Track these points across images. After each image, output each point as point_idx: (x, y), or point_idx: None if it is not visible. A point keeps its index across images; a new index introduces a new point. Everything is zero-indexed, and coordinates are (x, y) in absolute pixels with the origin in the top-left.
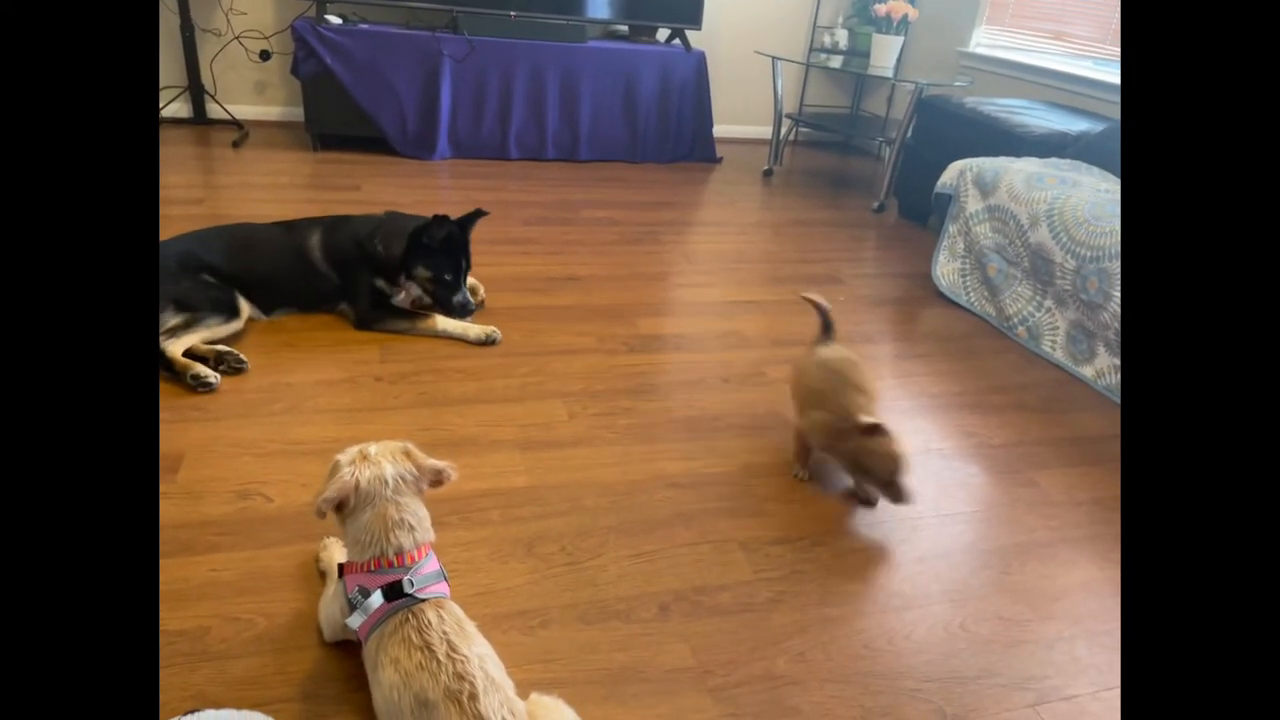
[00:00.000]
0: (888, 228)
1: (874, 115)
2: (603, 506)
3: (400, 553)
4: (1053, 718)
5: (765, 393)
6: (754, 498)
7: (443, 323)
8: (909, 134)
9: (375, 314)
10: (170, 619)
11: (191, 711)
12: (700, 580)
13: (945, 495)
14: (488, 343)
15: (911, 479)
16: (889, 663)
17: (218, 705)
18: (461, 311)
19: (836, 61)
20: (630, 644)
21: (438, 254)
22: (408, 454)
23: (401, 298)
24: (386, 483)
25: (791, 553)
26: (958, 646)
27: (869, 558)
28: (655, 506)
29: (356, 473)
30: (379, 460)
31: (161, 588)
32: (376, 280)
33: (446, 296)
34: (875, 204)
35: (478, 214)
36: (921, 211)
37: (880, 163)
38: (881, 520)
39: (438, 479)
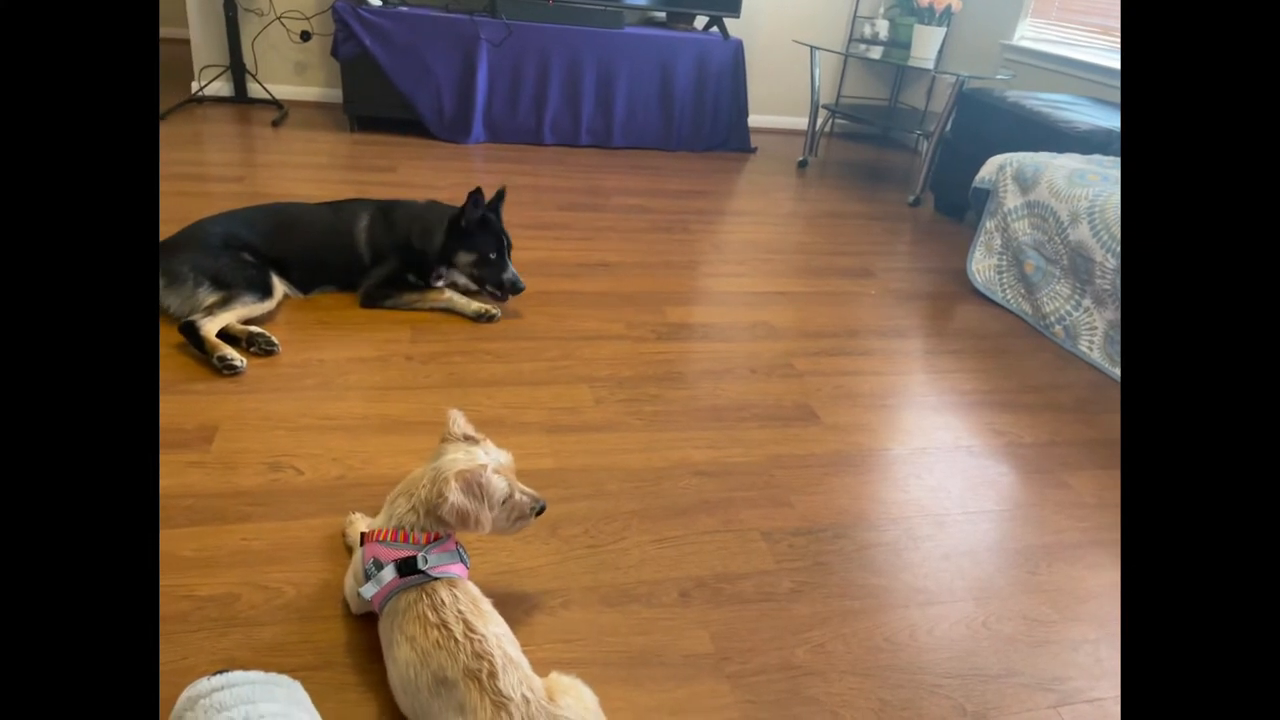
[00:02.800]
0: (923, 222)
1: (912, 108)
2: (626, 491)
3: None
4: (1075, 719)
5: (793, 384)
6: (778, 488)
7: (448, 294)
8: (948, 127)
9: (383, 291)
10: (202, 585)
11: (220, 672)
12: (722, 568)
13: (973, 493)
14: (485, 319)
15: None
16: (909, 657)
17: (245, 669)
18: (513, 289)
19: (876, 52)
20: (650, 628)
21: (477, 235)
22: (508, 471)
23: (440, 286)
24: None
25: (814, 544)
26: (980, 644)
27: (892, 552)
28: (679, 493)
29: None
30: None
31: (194, 554)
32: (408, 274)
33: (496, 276)
34: (911, 198)
35: (500, 195)
36: (958, 206)
37: (917, 156)
38: (906, 515)
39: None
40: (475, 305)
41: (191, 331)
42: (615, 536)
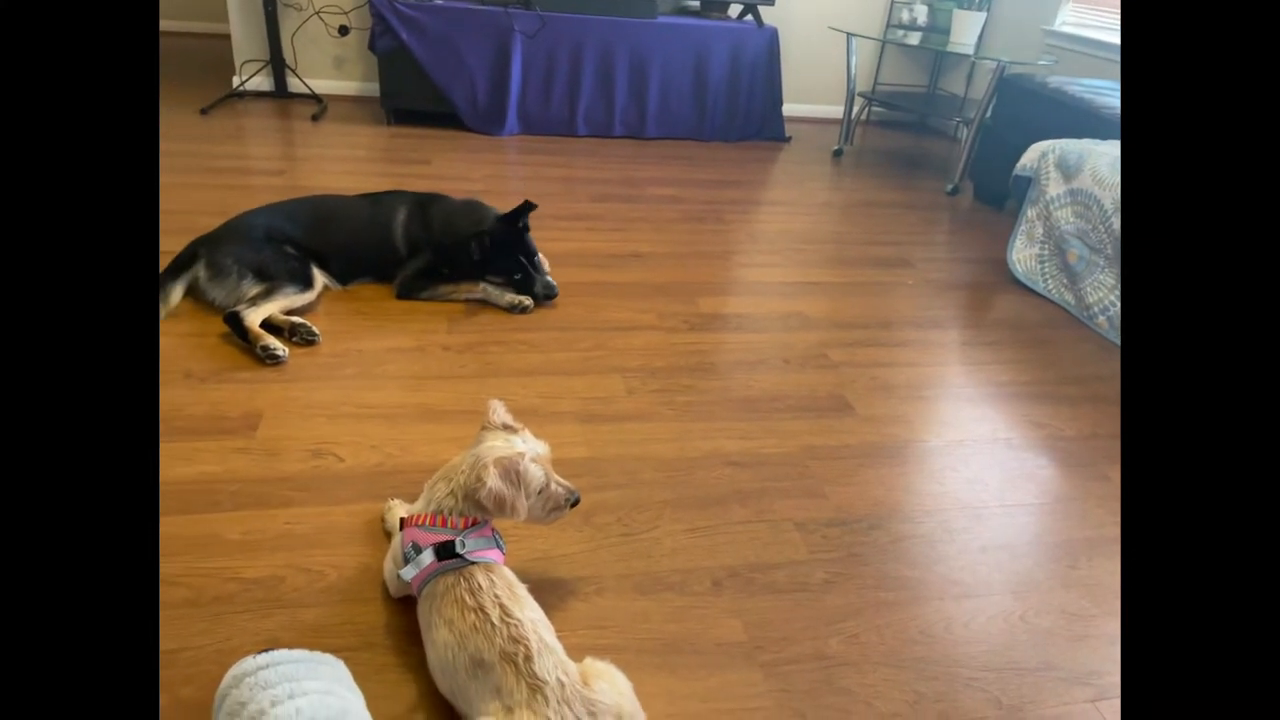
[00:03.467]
0: (962, 211)
1: (951, 94)
2: (659, 481)
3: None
4: (1112, 714)
5: (827, 375)
6: (812, 479)
7: (482, 285)
8: (988, 114)
9: (418, 282)
10: (248, 567)
11: (265, 650)
12: (754, 558)
13: (1011, 486)
14: (518, 309)
15: None
16: (945, 650)
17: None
18: (545, 299)
19: (914, 38)
20: (683, 616)
21: (497, 261)
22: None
23: (479, 291)
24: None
25: (848, 535)
26: (1017, 638)
27: (928, 544)
28: (711, 484)
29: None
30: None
31: (240, 538)
32: (443, 267)
33: (528, 288)
34: (950, 186)
35: (525, 207)
36: (998, 195)
37: (956, 144)
38: (943, 508)
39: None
40: (509, 296)
41: (236, 322)
42: (648, 525)
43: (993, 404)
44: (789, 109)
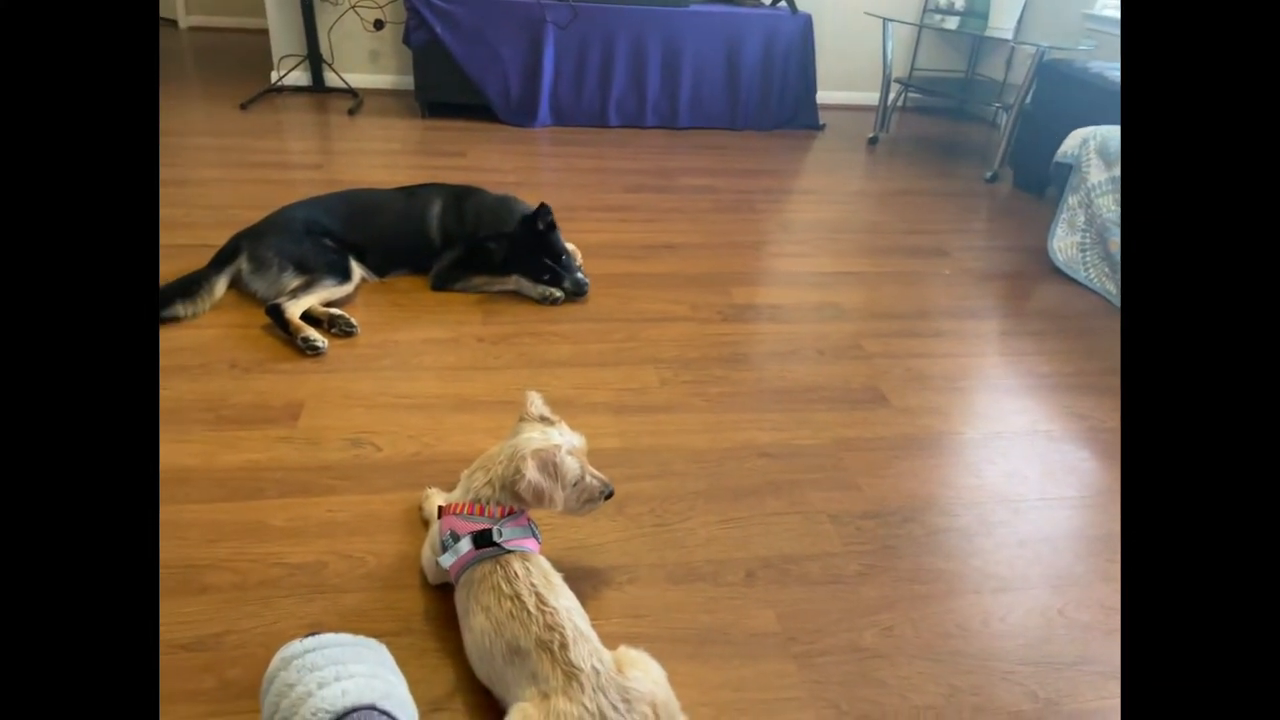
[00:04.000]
0: (1001, 198)
1: (990, 79)
2: (692, 472)
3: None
4: None
5: (862, 366)
6: (846, 471)
7: (515, 277)
8: (1028, 99)
9: (453, 274)
10: (292, 553)
11: (311, 634)
12: (788, 549)
13: (1051, 478)
14: (549, 301)
15: None
16: (981, 644)
17: (334, 633)
18: (575, 294)
19: (952, 22)
20: (716, 606)
21: (520, 262)
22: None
23: (511, 283)
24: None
25: (883, 528)
26: (1055, 632)
27: (964, 537)
28: (745, 475)
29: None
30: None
31: (285, 525)
32: (474, 263)
33: (558, 284)
34: (988, 173)
35: (541, 211)
36: (1038, 182)
37: (995, 130)
38: (980, 501)
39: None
40: (540, 288)
41: (277, 314)
42: (681, 516)
43: (1032, 395)
44: (823, 96)
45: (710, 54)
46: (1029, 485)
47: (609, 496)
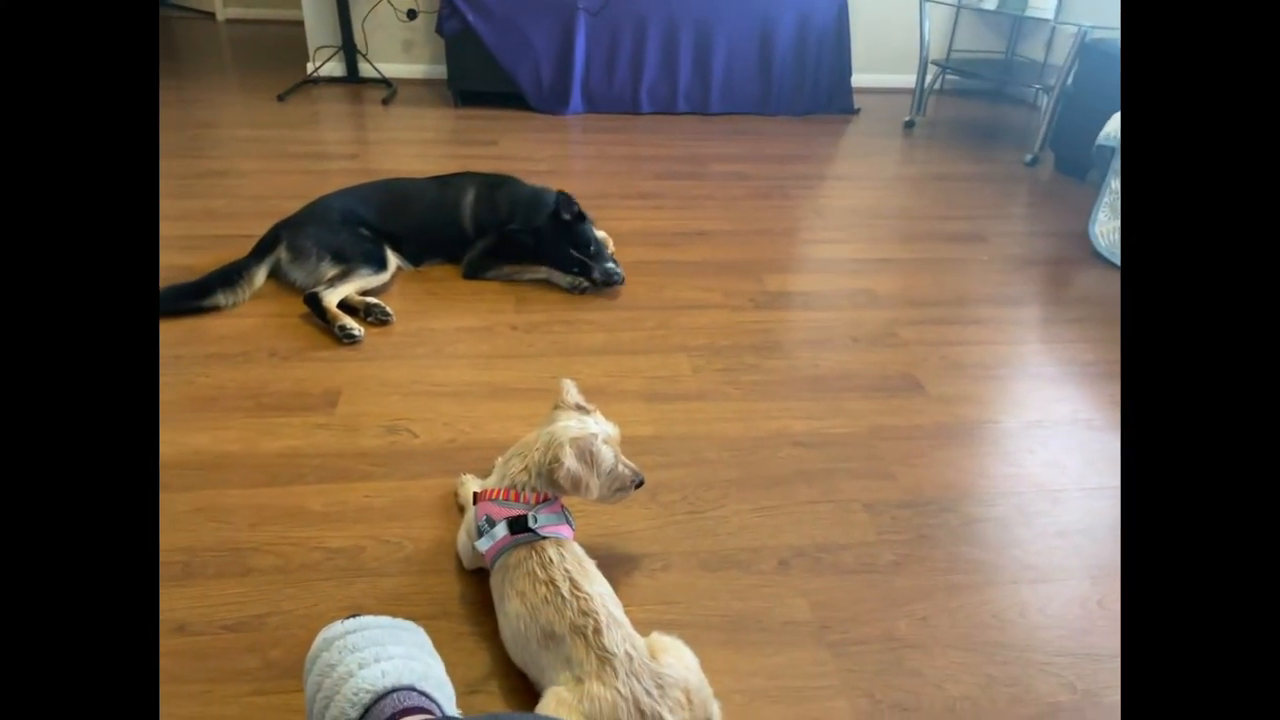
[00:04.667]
0: (1041, 183)
1: (1030, 60)
2: (725, 460)
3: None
4: None
5: (897, 354)
6: (880, 460)
7: (544, 266)
8: (1069, 81)
9: (485, 262)
10: (331, 537)
11: (352, 616)
12: (822, 538)
13: (1092, 468)
14: (578, 290)
15: None
16: (1018, 635)
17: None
18: (605, 284)
19: (991, 3)
20: (749, 594)
21: (550, 252)
22: (613, 441)
23: (542, 272)
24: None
25: (918, 517)
26: (1095, 623)
27: (1002, 528)
28: (778, 463)
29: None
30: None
31: (323, 509)
32: (505, 252)
33: (588, 274)
34: (1028, 157)
35: (561, 202)
36: (1080, 165)
37: (1036, 112)
38: (1018, 491)
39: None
40: (570, 278)
41: (315, 302)
42: (714, 504)
43: (1073, 384)
44: (858, 80)
45: (743, 38)
46: (1069, 475)
47: (640, 485)
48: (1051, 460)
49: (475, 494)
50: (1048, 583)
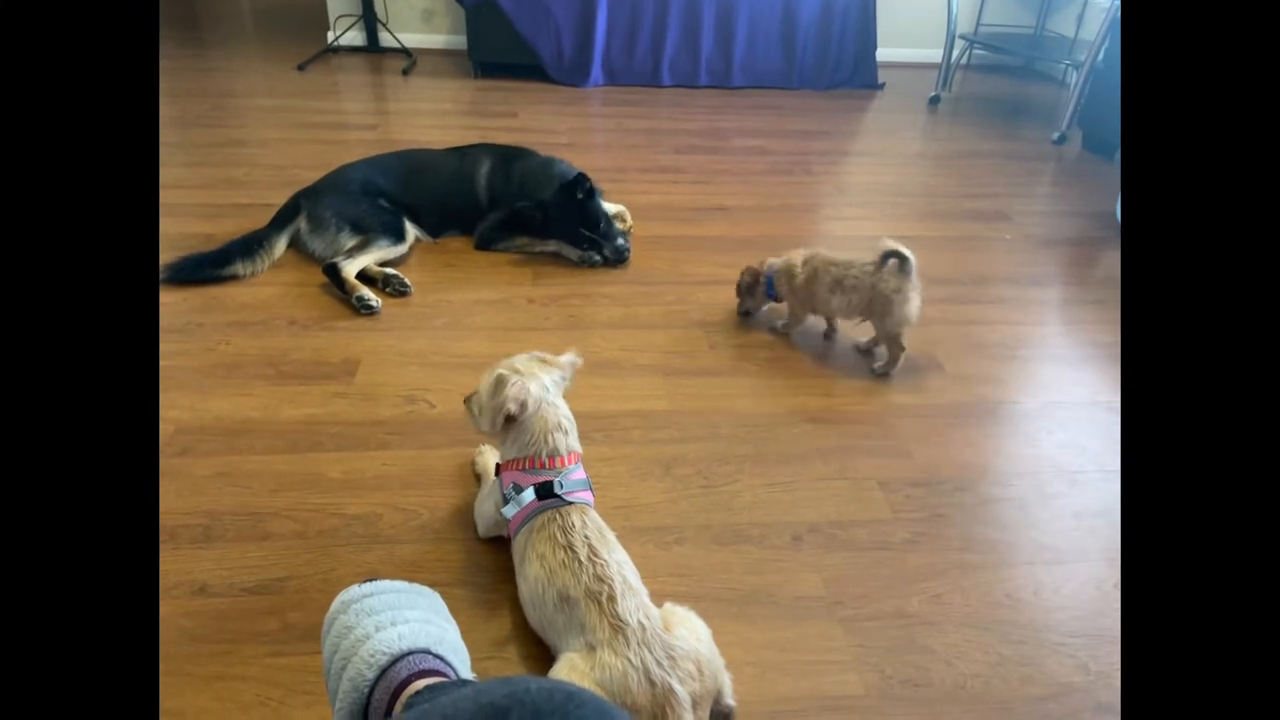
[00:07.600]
0: (1068, 161)
1: (1060, 36)
2: (740, 435)
3: (555, 455)
4: None
5: (916, 332)
6: (896, 438)
7: (554, 239)
8: (1100, 57)
9: (497, 233)
10: (349, 504)
11: (369, 580)
12: (835, 514)
13: (1110, 450)
14: (588, 263)
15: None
16: (1032, 615)
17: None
18: (616, 260)
19: None
20: (762, 568)
21: (560, 227)
22: (544, 361)
23: (553, 245)
24: (547, 388)
25: (933, 496)
26: (1110, 605)
27: (1018, 508)
28: (793, 440)
29: (527, 384)
30: (532, 371)
31: (342, 477)
32: (516, 226)
33: (599, 250)
34: (1056, 134)
35: (577, 181)
36: (1109, 144)
37: (1065, 89)
38: (1035, 471)
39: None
40: (579, 252)
41: (334, 273)
42: (728, 479)
43: (1094, 365)
44: (883, 54)
45: (766, 10)
46: (1087, 457)
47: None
48: (1070, 442)
49: (497, 465)
50: (1063, 564)
